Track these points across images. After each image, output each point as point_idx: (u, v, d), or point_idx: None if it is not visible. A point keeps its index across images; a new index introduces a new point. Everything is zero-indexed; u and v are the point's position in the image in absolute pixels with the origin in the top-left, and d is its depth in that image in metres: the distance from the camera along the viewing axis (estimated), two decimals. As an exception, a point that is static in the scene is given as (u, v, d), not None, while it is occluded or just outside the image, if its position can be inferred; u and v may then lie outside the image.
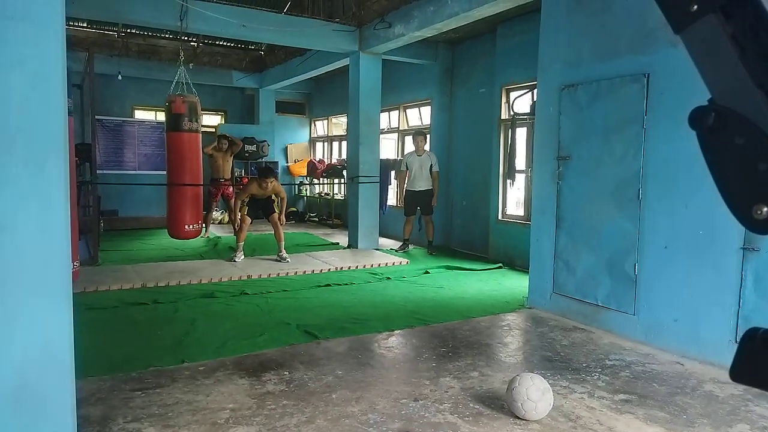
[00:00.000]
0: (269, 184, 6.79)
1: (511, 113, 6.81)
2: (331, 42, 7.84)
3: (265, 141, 11.84)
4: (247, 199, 7.04)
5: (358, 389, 3.20)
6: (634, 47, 4.14)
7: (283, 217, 7.09)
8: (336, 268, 6.71)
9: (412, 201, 7.98)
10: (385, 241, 8.83)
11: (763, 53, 0.68)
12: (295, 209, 12.40)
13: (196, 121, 6.65)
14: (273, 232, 7.08)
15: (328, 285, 5.89)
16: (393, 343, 4.14)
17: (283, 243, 7.02)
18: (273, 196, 7.13)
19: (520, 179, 7.11)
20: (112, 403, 2.94)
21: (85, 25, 8.70)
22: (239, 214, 7.01)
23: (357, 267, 6.83)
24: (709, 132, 0.74)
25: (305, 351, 3.84)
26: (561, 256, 4.79)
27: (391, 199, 9.81)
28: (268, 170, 7.02)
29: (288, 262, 6.84)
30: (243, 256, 6.89)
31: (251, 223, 7.11)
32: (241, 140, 10.06)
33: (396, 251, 8.02)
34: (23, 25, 1.83)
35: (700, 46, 0.74)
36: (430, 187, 7.84)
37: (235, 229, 6.96)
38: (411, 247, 8.23)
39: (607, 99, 4.36)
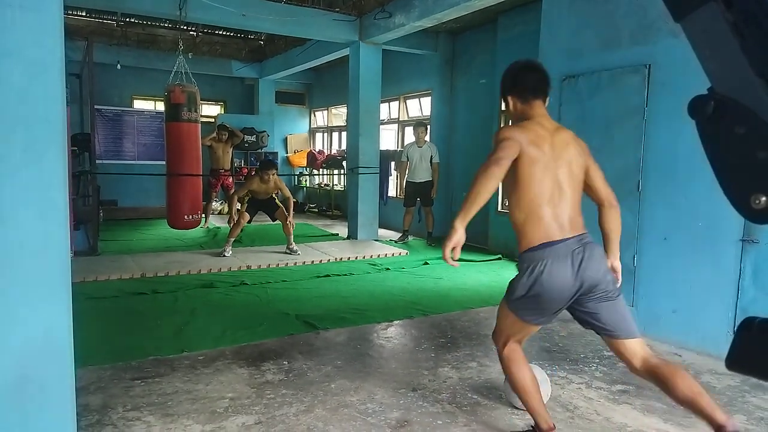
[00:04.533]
0: (270, 177, 6.65)
1: (512, 104, 6.78)
2: (331, 32, 7.80)
3: (265, 131, 11.81)
4: (246, 198, 6.88)
5: (357, 379, 3.21)
6: (635, 38, 4.11)
7: (292, 220, 6.90)
8: (335, 259, 6.72)
9: (412, 192, 7.96)
10: (384, 232, 8.84)
11: (764, 42, 0.68)
12: (294, 200, 12.35)
13: (196, 111, 6.63)
14: (282, 226, 6.93)
15: (328, 276, 5.89)
16: (392, 334, 4.15)
17: (292, 236, 6.96)
18: (274, 196, 6.98)
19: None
20: (112, 392, 2.95)
21: (83, 13, 8.64)
22: (235, 210, 6.80)
23: (356, 258, 6.84)
24: (709, 121, 0.74)
25: (304, 341, 3.86)
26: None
27: (392, 190, 9.80)
28: (270, 163, 6.91)
29: (299, 254, 6.81)
30: (231, 251, 6.76)
31: (249, 221, 7.01)
32: (240, 131, 10.03)
33: (395, 242, 8.03)
34: (20, 12, 1.81)
35: (701, 34, 0.73)
36: (431, 179, 7.83)
37: (230, 223, 6.77)
38: (410, 238, 8.23)
39: (608, 90, 4.34)
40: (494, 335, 2.52)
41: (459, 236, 2.07)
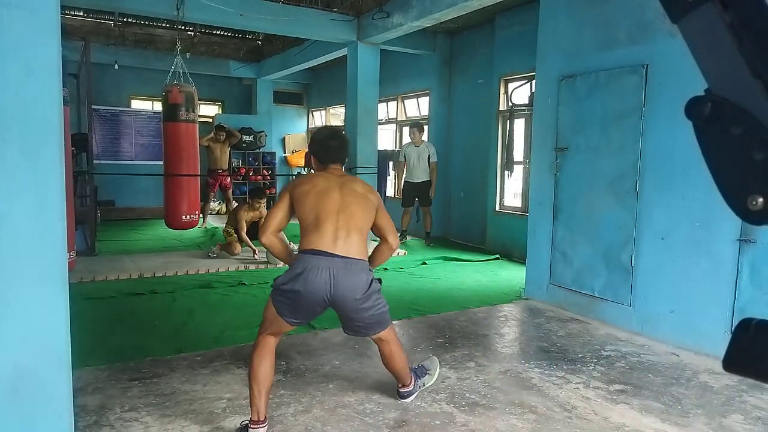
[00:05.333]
0: (261, 205, 6.65)
1: (510, 104, 6.79)
2: (329, 32, 7.79)
3: (263, 131, 11.80)
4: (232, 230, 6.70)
5: (355, 379, 3.21)
6: (633, 38, 4.12)
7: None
8: (333, 259, 6.68)
9: (410, 192, 7.94)
10: (382, 232, 8.82)
11: (761, 43, 0.68)
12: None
13: (193, 111, 6.62)
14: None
15: (326, 276, 5.88)
16: (390, 334, 4.15)
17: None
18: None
19: (518, 170, 7.11)
20: (110, 393, 2.94)
21: (81, 13, 8.61)
22: (245, 239, 6.65)
23: (354, 258, 6.81)
24: (706, 122, 0.74)
25: (302, 341, 3.85)
26: (558, 248, 4.79)
27: (389, 190, 9.79)
28: (261, 192, 6.88)
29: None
30: (217, 253, 6.71)
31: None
32: (238, 131, 10.02)
33: None
34: (17, 12, 1.81)
35: (698, 35, 0.74)
36: (429, 179, 7.82)
37: (251, 249, 6.58)
38: (409, 238, 8.22)
39: (606, 90, 4.35)
40: (260, 325, 2.70)
41: None
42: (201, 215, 7.88)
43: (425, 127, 8.40)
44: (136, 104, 11.48)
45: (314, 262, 2.46)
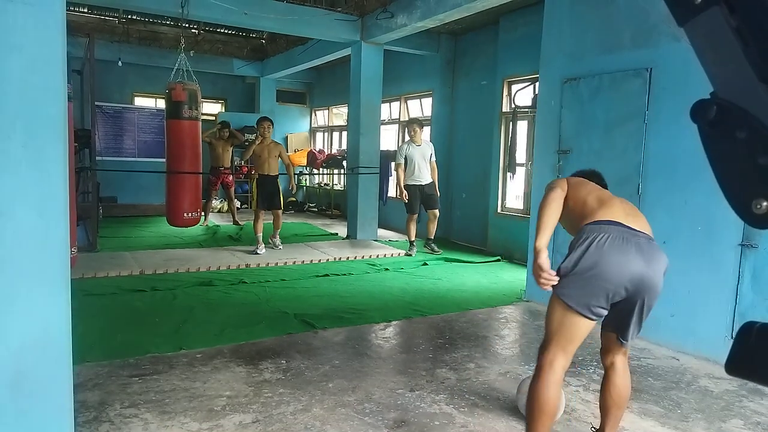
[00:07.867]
0: (267, 129, 6.87)
1: (513, 106, 6.79)
2: (333, 31, 7.80)
3: (266, 130, 11.80)
4: (256, 189, 6.98)
5: (355, 379, 3.21)
6: (637, 41, 4.12)
7: (294, 183, 7.26)
8: (334, 259, 6.72)
9: (418, 195, 7.31)
10: (384, 233, 8.83)
11: (767, 47, 0.68)
12: (294, 199, 12.38)
13: (196, 109, 6.62)
14: (273, 220, 7.14)
15: (327, 275, 5.89)
16: (390, 334, 4.15)
17: (279, 230, 7.15)
18: (278, 183, 7.03)
19: (521, 172, 7.10)
20: (110, 389, 2.95)
21: (85, 10, 8.65)
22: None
23: (355, 258, 6.84)
24: (711, 125, 0.74)
25: (302, 340, 3.86)
26: (559, 250, 4.77)
27: (391, 191, 9.77)
28: (262, 117, 7.23)
29: (280, 248, 7.01)
30: (264, 247, 6.89)
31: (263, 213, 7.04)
32: (241, 129, 10.11)
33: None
34: (23, 7, 1.81)
35: (704, 39, 0.74)
36: (432, 179, 7.63)
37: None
38: (415, 250, 7.40)
39: (609, 93, 4.35)
40: (540, 347, 2.22)
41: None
42: (203, 213, 7.88)
43: (423, 124, 8.29)
44: (140, 101, 11.50)
45: (611, 229, 2.00)
